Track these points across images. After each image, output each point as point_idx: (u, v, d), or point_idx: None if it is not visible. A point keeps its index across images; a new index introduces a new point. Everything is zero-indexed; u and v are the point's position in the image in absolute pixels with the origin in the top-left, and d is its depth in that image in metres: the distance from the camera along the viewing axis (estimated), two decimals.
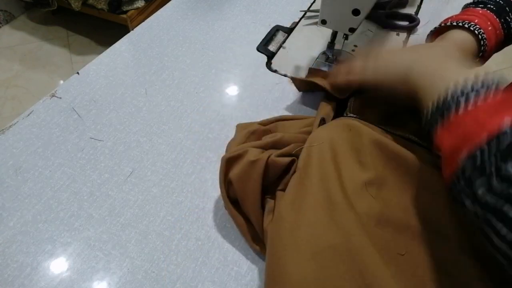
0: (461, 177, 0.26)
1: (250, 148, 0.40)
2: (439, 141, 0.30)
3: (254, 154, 0.38)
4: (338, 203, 0.34)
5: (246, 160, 0.38)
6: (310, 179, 0.36)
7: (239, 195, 0.39)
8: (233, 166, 0.39)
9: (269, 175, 0.38)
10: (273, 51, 0.62)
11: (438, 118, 0.30)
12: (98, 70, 0.58)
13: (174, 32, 0.65)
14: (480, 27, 0.47)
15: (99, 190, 0.44)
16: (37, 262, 0.38)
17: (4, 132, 0.49)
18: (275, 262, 0.32)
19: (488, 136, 0.25)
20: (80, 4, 1.65)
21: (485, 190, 0.24)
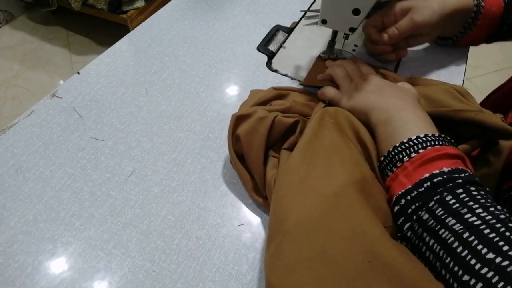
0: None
1: (258, 108, 0.43)
2: (388, 186, 0.36)
3: (262, 112, 0.42)
4: (347, 160, 0.36)
5: (255, 117, 0.41)
6: (320, 142, 0.38)
7: (245, 149, 0.41)
8: (242, 123, 0.42)
9: (274, 132, 0.41)
10: (273, 51, 0.62)
11: (388, 169, 0.37)
12: (98, 70, 0.58)
13: (175, 32, 0.65)
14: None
15: (100, 190, 0.44)
16: (38, 262, 0.38)
17: (4, 132, 0.49)
18: (281, 204, 0.34)
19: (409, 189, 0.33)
20: (80, 4, 1.65)
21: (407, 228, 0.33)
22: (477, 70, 1.84)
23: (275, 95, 0.48)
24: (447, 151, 0.33)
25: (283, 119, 0.41)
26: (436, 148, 0.34)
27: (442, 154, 0.33)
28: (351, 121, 0.42)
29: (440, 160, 0.33)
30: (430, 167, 0.33)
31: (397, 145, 0.36)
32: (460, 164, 0.33)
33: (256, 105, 0.45)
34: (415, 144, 0.35)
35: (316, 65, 0.57)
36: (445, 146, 0.34)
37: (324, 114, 0.41)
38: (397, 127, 0.38)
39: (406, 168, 0.34)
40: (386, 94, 0.43)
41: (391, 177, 0.36)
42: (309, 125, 0.40)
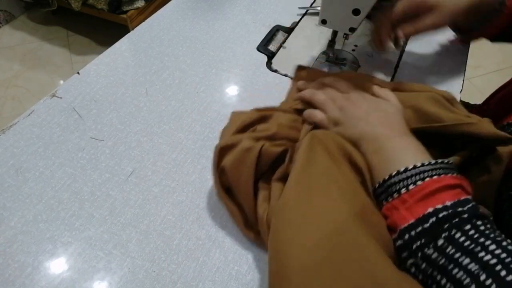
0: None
1: (243, 137, 0.40)
2: (385, 213, 0.35)
3: (248, 142, 0.39)
4: (344, 188, 0.34)
5: (240, 148, 0.39)
6: (314, 170, 0.36)
7: (232, 182, 0.39)
8: (226, 154, 0.40)
9: (262, 163, 0.39)
10: (273, 51, 0.62)
11: (383, 197, 0.35)
12: (98, 70, 0.58)
13: (175, 32, 0.65)
14: None
15: (100, 190, 0.44)
16: (38, 262, 0.38)
17: (4, 132, 0.49)
18: (281, 247, 0.32)
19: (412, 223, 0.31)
20: (80, 4, 1.65)
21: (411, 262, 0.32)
22: (477, 70, 1.84)
23: (258, 117, 0.44)
24: (447, 182, 0.32)
25: (271, 149, 0.39)
26: (435, 180, 0.32)
27: (443, 186, 0.32)
28: (342, 144, 0.39)
29: (441, 193, 0.32)
30: (432, 200, 0.31)
31: (393, 174, 0.34)
32: (461, 194, 0.32)
33: (239, 130, 0.42)
34: (412, 175, 0.33)
35: (294, 85, 0.54)
36: (444, 176, 0.33)
37: (313, 139, 0.39)
38: (390, 155, 0.37)
39: (406, 201, 0.33)
40: (374, 120, 0.41)
41: (388, 207, 0.34)
42: (300, 152, 0.37)
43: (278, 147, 0.40)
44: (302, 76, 0.56)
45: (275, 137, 0.42)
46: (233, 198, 0.40)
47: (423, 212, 0.31)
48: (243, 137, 0.40)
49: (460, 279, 0.28)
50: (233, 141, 0.40)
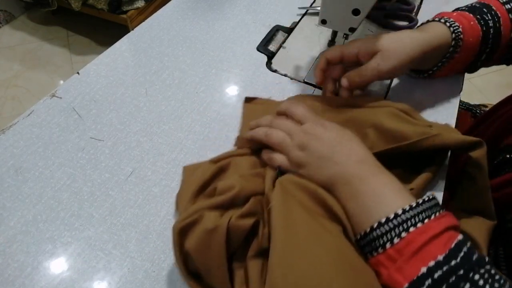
0: None
1: (205, 211, 0.34)
2: (373, 267, 0.32)
3: (211, 219, 0.33)
4: (331, 249, 0.32)
5: (202, 229, 0.33)
6: (296, 236, 0.32)
7: (201, 268, 0.34)
8: (188, 235, 0.34)
9: (231, 242, 0.33)
10: (273, 51, 0.62)
11: (367, 250, 0.33)
12: (98, 70, 0.58)
13: (174, 32, 0.65)
14: (448, 17, 0.49)
15: (100, 190, 0.44)
16: (38, 262, 0.38)
17: (4, 132, 0.49)
18: None
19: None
20: (80, 4, 1.65)
21: None
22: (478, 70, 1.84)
23: (214, 172, 0.40)
24: (433, 233, 0.30)
25: (240, 224, 0.33)
26: (420, 230, 0.30)
27: (430, 238, 0.30)
28: (314, 191, 0.36)
29: (429, 245, 0.30)
30: (422, 257, 0.29)
31: (374, 227, 0.32)
32: (450, 239, 0.30)
33: (197, 193, 0.38)
34: (395, 226, 0.31)
35: (245, 115, 0.50)
36: (428, 223, 0.31)
37: (284, 196, 0.35)
38: (367, 202, 0.34)
39: (394, 260, 0.30)
40: (341, 158, 0.37)
41: (374, 262, 0.32)
42: (274, 216, 0.33)
43: (248, 218, 0.34)
44: (252, 110, 0.51)
45: (240, 196, 0.36)
46: (204, 283, 0.35)
47: (416, 274, 0.29)
48: (203, 211, 0.35)
49: None
50: (193, 218, 0.34)
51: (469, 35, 0.48)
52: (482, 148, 0.37)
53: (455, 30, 0.47)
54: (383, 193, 0.34)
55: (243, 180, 0.38)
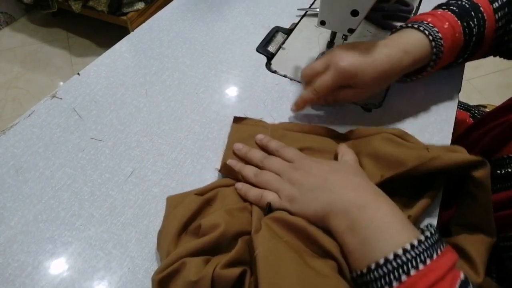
0: None
1: (187, 258, 0.32)
2: None
3: (194, 269, 0.31)
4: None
5: (185, 280, 0.31)
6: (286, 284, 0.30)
7: None
8: (169, 285, 0.32)
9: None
10: (272, 52, 0.63)
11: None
12: (98, 71, 0.58)
13: (174, 34, 0.66)
14: (433, 25, 0.46)
15: (100, 190, 0.44)
16: (38, 262, 0.38)
17: (5, 132, 0.49)
18: None
19: None
20: (80, 6, 1.66)
21: None
22: (477, 71, 1.84)
23: (199, 206, 0.38)
24: (436, 275, 0.28)
25: (225, 275, 0.31)
26: (422, 273, 0.28)
27: (433, 282, 0.27)
28: (303, 229, 0.34)
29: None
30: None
31: (372, 268, 0.30)
32: (453, 278, 0.28)
33: (180, 231, 0.36)
34: (394, 269, 0.29)
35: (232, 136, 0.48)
36: (430, 265, 0.28)
37: (270, 238, 0.33)
38: (366, 235, 0.31)
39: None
40: (336, 185, 0.35)
41: None
42: (260, 266, 0.31)
43: (234, 268, 0.32)
44: (239, 131, 0.49)
45: (226, 236, 0.35)
46: None
47: None
48: (185, 252, 0.33)
49: None
50: (174, 268, 0.32)
51: (450, 46, 0.47)
52: (485, 168, 0.36)
53: (437, 45, 0.46)
54: (383, 225, 0.31)
55: (228, 217, 0.36)
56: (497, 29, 0.49)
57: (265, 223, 0.35)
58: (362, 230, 0.32)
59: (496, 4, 0.49)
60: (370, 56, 0.45)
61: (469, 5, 0.49)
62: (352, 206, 0.33)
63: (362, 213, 0.32)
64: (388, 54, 0.45)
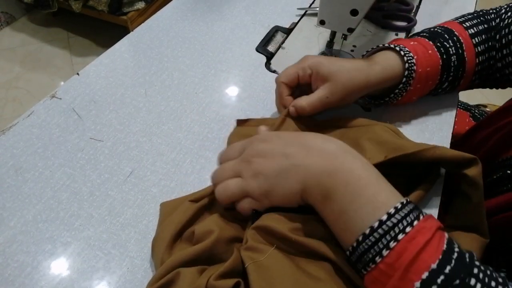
0: None
1: (181, 269, 0.32)
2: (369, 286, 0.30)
3: (188, 280, 0.31)
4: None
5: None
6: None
7: None
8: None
9: None
10: (272, 52, 0.63)
11: (359, 267, 0.30)
12: (98, 71, 0.58)
13: (174, 33, 0.66)
14: (398, 44, 0.47)
15: (99, 190, 0.44)
16: (38, 262, 0.38)
17: (4, 132, 0.49)
18: None
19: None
20: (80, 5, 1.66)
21: None
22: None
23: (194, 213, 0.38)
24: (424, 238, 0.27)
25: (219, 286, 0.30)
26: (409, 237, 0.27)
27: (421, 247, 0.27)
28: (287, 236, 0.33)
29: (421, 254, 0.27)
30: (416, 269, 0.26)
31: (360, 240, 0.29)
32: (439, 241, 0.28)
33: (175, 238, 0.36)
34: (381, 236, 0.28)
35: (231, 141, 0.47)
36: (417, 228, 0.28)
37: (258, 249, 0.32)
38: (345, 205, 0.30)
39: (390, 277, 0.27)
40: (297, 158, 0.32)
41: (371, 279, 0.29)
42: (252, 275, 0.30)
43: (228, 279, 0.31)
44: (240, 133, 0.48)
45: (220, 242, 0.34)
46: None
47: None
48: (179, 261, 0.32)
49: None
50: (168, 278, 0.31)
51: (426, 65, 0.46)
52: (477, 166, 0.36)
53: (408, 61, 0.45)
54: (359, 189, 0.30)
55: (222, 222, 0.35)
56: (478, 53, 0.48)
57: (250, 234, 0.34)
58: (338, 198, 0.30)
59: (472, 30, 0.49)
60: (337, 59, 0.45)
61: (441, 30, 0.49)
62: (322, 174, 0.31)
63: (334, 180, 0.31)
64: (354, 62, 0.45)
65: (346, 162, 0.32)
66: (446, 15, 0.70)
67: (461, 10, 0.71)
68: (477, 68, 0.49)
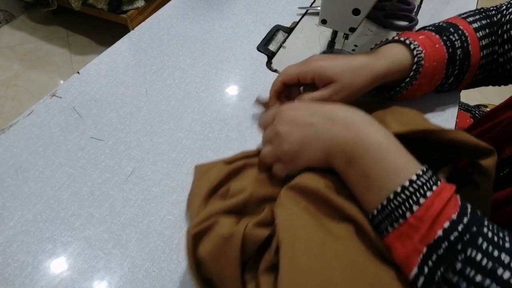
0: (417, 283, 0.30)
1: (220, 217, 0.34)
2: (391, 248, 0.32)
3: (227, 226, 0.33)
4: (347, 265, 0.31)
5: (218, 235, 0.33)
6: (305, 256, 0.31)
7: (215, 275, 0.33)
8: (202, 241, 0.34)
9: (246, 250, 0.33)
10: (273, 51, 0.62)
11: (385, 225, 0.32)
12: (98, 69, 0.58)
13: (175, 32, 0.65)
14: (407, 37, 0.46)
15: (100, 190, 0.44)
16: (38, 262, 0.38)
17: (4, 131, 0.49)
18: None
19: (429, 247, 0.29)
20: (80, 4, 1.65)
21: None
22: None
23: (227, 173, 0.39)
24: (447, 195, 0.30)
25: (255, 234, 0.32)
26: (436, 193, 0.30)
27: (445, 202, 0.30)
28: (316, 192, 0.34)
29: (445, 208, 0.30)
30: (441, 220, 0.29)
31: (391, 198, 0.31)
32: (456, 198, 0.31)
33: (210, 195, 0.38)
34: (411, 193, 0.30)
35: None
36: (441, 186, 0.31)
37: (287, 207, 0.34)
38: (367, 169, 0.32)
39: (418, 228, 0.30)
40: (324, 128, 0.35)
41: (396, 235, 0.31)
42: (280, 230, 0.32)
43: (263, 229, 0.33)
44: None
45: (252, 200, 0.36)
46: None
47: (433, 238, 0.29)
48: (217, 216, 0.34)
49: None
50: (207, 224, 0.34)
51: (433, 59, 0.46)
52: (493, 157, 0.36)
53: (417, 55, 0.45)
54: (387, 155, 0.32)
55: (256, 183, 0.37)
56: (482, 47, 0.48)
57: (284, 192, 0.36)
58: (360, 163, 0.33)
59: (476, 24, 0.49)
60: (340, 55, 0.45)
61: (447, 24, 0.49)
62: (345, 143, 0.34)
63: (356, 148, 0.33)
64: (359, 59, 0.45)
65: (368, 132, 0.34)
66: (447, 15, 0.70)
67: (462, 10, 0.71)
68: (481, 62, 0.49)
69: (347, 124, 0.35)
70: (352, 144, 0.33)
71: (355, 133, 0.34)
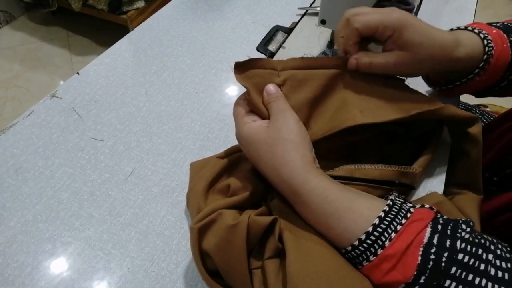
0: None
1: (223, 210, 0.35)
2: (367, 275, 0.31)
3: (232, 216, 0.34)
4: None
5: (223, 225, 0.33)
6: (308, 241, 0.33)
7: (221, 266, 0.34)
8: (206, 234, 0.35)
9: (251, 238, 0.33)
10: (273, 51, 0.62)
11: (359, 260, 0.31)
12: (98, 70, 0.58)
13: (174, 32, 0.65)
14: (481, 29, 0.43)
15: (100, 190, 0.44)
16: (38, 262, 0.38)
17: (4, 132, 0.49)
18: None
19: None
20: (80, 4, 1.65)
21: None
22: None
23: (222, 167, 0.41)
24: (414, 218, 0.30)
25: (259, 221, 0.33)
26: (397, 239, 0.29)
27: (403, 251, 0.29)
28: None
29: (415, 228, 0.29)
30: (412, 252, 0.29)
31: (349, 250, 0.31)
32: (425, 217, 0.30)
33: (207, 189, 0.39)
34: (377, 238, 0.30)
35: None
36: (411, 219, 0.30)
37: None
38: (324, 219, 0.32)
39: (395, 262, 0.29)
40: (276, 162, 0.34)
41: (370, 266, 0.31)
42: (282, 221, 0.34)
43: (265, 216, 0.35)
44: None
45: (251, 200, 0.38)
46: (224, 282, 0.35)
47: (412, 273, 0.28)
48: (218, 208, 0.36)
49: None
50: (211, 218, 0.35)
51: (498, 58, 0.42)
52: (478, 124, 0.39)
53: (488, 52, 0.41)
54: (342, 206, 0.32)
55: (254, 177, 0.38)
56: None
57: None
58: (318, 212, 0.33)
59: None
60: (425, 23, 0.39)
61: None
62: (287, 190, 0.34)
63: (298, 199, 0.33)
64: (442, 36, 0.39)
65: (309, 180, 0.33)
66: (447, 15, 0.70)
67: (461, 10, 0.71)
68: None
69: (281, 167, 0.34)
70: (293, 194, 0.34)
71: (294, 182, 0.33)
